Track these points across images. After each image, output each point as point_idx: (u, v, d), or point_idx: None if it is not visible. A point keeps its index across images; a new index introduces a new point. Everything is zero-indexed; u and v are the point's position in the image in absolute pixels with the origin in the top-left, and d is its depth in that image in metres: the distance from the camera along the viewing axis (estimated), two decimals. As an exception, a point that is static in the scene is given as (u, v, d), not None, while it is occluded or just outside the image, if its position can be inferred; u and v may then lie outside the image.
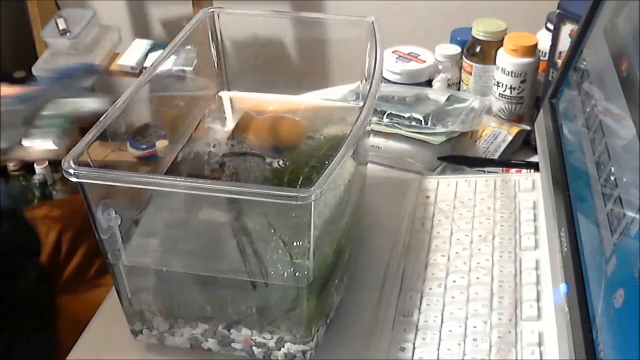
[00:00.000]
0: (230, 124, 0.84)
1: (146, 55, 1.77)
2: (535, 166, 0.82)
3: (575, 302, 0.55)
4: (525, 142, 0.93)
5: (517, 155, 0.92)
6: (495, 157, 0.90)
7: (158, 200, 0.68)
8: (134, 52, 1.79)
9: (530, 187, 0.79)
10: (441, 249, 0.73)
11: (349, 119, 0.78)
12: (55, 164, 1.74)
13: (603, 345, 0.50)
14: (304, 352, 0.62)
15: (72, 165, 0.55)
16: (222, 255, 0.63)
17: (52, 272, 0.96)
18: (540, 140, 0.78)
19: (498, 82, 0.94)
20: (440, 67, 1.01)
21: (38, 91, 0.90)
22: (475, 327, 0.63)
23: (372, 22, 0.77)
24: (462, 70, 1.00)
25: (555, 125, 0.76)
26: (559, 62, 0.89)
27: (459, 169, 0.88)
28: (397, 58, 1.00)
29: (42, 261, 0.95)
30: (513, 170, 0.86)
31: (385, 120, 0.89)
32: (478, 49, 0.97)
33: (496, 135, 0.92)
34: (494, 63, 0.94)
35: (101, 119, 0.62)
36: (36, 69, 1.75)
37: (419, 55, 1.01)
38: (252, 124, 0.82)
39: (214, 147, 0.79)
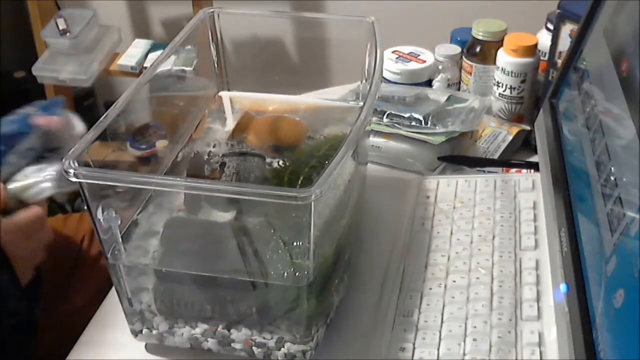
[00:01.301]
0: (230, 124, 0.84)
1: (146, 55, 1.77)
2: (535, 166, 0.82)
3: (575, 302, 0.55)
4: (525, 142, 0.93)
5: (517, 155, 0.92)
6: (495, 157, 0.90)
7: (158, 200, 0.68)
8: (134, 52, 1.79)
9: (530, 187, 0.79)
10: (441, 249, 0.73)
11: (349, 119, 0.78)
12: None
13: (603, 345, 0.50)
14: (304, 352, 0.62)
15: (72, 165, 0.55)
16: (222, 255, 0.63)
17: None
18: (540, 140, 0.78)
19: (498, 82, 0.94)
20: (440, 67, 1.00)
21: None
22: (475, 327, 0.63)
23: (372, 22, 0.77)
24: (462, 70, 1.00)
25: (555, 125, 0.76)
26: (559, 62, 0.89)
27: (459, 169, 0.88)
28: (397, 58, 1.00)
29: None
30: (513, 170, 0.86)
31: (385, 120, 0.89)
32: (478, 49, 0.97)
33: (496, 135, 0.92)
34: (494, 63, 0.95)
35: (101, 118, 0.62)
36: (36, 69, 1.75)
37: (419, 55, 1.01)
38: (252, 124, 0.82)
39: (214, 147, 0.79)
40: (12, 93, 1.98)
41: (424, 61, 1.00)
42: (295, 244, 0.60)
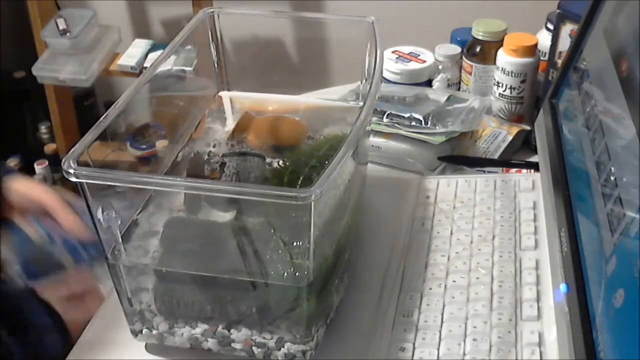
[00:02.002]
0: (230, 124, 0.84)
1: (146, 55, 1.77)
2: (535, 166, 0.82)
3: (575, 302, 0.55)
4: (525, 142, 0.93)
5: (517, 155, 0.92)
6: (495, 157, 0.90)
7: (158, 200, 0.68)
8: (134, 52, 1.79)
9: (530, 187, 0.79)
10: (441, 249, 0.73)
11: (349, 119, 0.78)
12: (55, 164, 1.74)
13: (603, 345, 0.50)
14: (304, 352, 0.62)
15: (72, 165, 0.55)
16: (222, 255, 0.63)
17: None
18: (540, 140, 0.78)
19: (498, 82, 0.94)
20: (440, 67, 1.00)
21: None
22: (475, 327, 0.63)
23: (372, 22, 0.77)
24: (462, 70, 1.00)
25: (555, 125, 0.76)
26: (559, 62, 0.89)
27: (459, 169, 0.88)
28: (397, 58, 1.00)
29: None
30: (513, 170, 0.86)
31: (385, 120, 0.89)
32: (478, 49, 0.97)
33: (496, 135, 0.92)
34: (494, 63, 0.95)
35: (101, 118, 0.62)
36: (36, 69, 1.75)
37: (419, 55, 1.01)
38: (252, 124, 0.82)
39: (214, 147, 0.79)
40: (12, 93, 1.98)
41: (424, 61, 1.00)
42: (295, 244, 0.60)
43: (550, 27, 0.93)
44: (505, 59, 0.92)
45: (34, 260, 0.80)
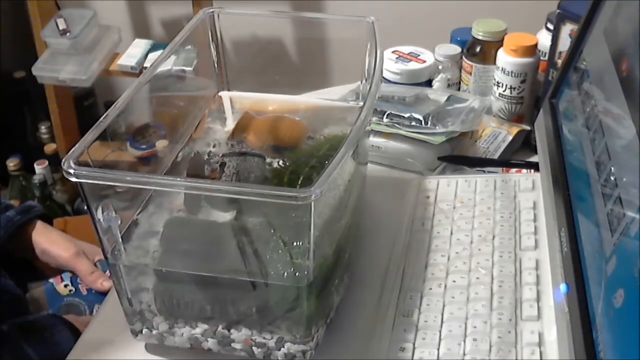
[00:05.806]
0: (230, 124, 0.84)
1: (146, 55, 1.77)
2: (535, 166, 0.82)
3: (575, 302, 0.56)
4: (525, 142, 0.93)
5: (517, 155, 0.92)
6: (495, 157, 0.90)
7: (158, 200, 0.68)
8: (134, 52, 1.79)
9: (530, 187, 0.79)
10: (441, 249, 0.73)
11: (349, 119, 0.78)
12: (55, 164, 1.74)
13: (603, 345, 0.50)
14: (304, 352, 0.62)
15: (72, 165, 0.55)
16: (222, 255, 0.63)
17: None
18: (540, 140, 0.78)
19: (498, 82, 0.94)
20: (440, 67, 1.00)
21: None
22: (475, 327, 0.63)
23: (372, 22, 0.77)
24: (462, 70, 1.00)
25: (555, 125, 0.76)
26: (559, 62, 0.89)
27: (459, 169, 0.88)
28: (397, 58, 1.00)
29: None
30: (513, 170, 0.86)
31: (385, 120, 0.89)
32: (478, 49, 0.97)
33: (496, 135, 0.92)
34: (494, 63, 0.95)
35: (101, 118, 0.62)
36: (36, 69, 1.75)
37: (419, 55, 1.01)
38: (252, 124, 0.82)
39: (214, 147, 0.79)
40: (12, 93, 1.98)
41: (424, 61, 1.00)
42: (295, 244, 0.60)
43: (550, 27, 0.93)
44: (505, 59, 0.92)
45: (61, 309, 0.93)
